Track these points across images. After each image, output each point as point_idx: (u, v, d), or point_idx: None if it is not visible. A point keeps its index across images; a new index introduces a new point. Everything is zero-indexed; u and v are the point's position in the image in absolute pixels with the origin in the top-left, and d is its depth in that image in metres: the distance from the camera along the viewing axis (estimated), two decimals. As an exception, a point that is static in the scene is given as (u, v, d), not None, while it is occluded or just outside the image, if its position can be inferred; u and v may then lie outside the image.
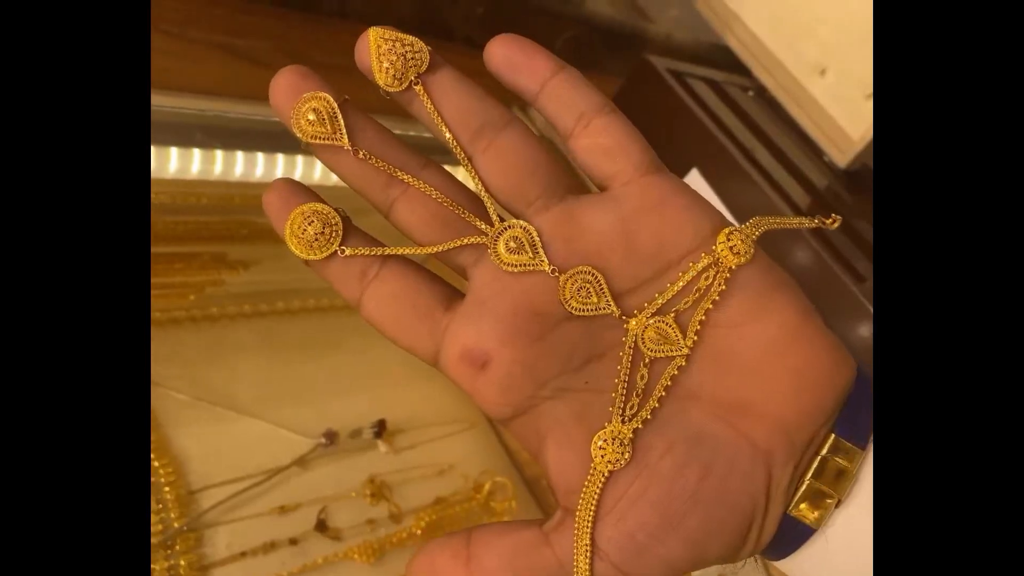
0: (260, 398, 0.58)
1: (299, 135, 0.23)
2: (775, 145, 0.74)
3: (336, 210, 0.24)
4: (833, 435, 0.24)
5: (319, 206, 0.24)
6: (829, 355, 0.24)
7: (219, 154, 0.50)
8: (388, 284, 0.24)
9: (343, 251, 0.24)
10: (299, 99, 0.23)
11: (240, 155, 0.50)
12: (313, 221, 0.24)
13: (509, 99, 0.26)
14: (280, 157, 0.52)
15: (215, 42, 0.52)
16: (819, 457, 0.24)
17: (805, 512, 0.24)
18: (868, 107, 0.74)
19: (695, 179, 0.67)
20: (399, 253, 0.24)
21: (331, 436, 0.58)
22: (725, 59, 0.81)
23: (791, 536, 0.24)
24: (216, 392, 0.56)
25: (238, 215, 0.57)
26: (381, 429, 0.60)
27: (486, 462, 0.64)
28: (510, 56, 0.24)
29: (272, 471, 0.55)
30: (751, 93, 0.80)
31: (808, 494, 0.24)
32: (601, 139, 0.24)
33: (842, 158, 0.75)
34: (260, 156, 0.51)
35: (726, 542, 0.23)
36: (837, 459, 0.24)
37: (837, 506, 0.24)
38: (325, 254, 0.24)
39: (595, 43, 0.76)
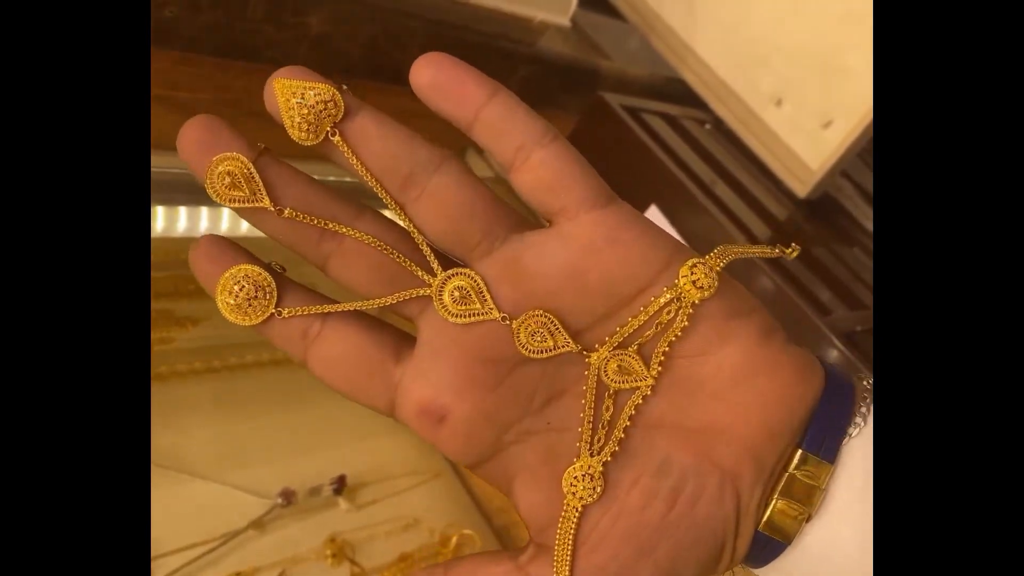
0: (213, 458, 0.56)
1: (216, 199, 0.22)
2: (734, 178, 0.74)
3: (268, 267, 0.23)
4: (800, 451, 0.24)
5: (249, 268, 0.23)
6: (794, 373, 0.24)
7: (160, 210, 0.48)
8: (332, 342, 0.23)
9: (280, 313, 0.23)
10: (210, 162, 0.21)
11: (183, 210, 0.49)
12: (244, 286, 0.22)
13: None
14: (225, 211, 0.51)
15: (154, 95, 0.50)
16: (787, 474, 0.24)
17: (776, 528, 0.24)
18: (826, 136, 0.74)
19: (654, 215, 0.66)
20: (340, 309, 0.23)
21: (288, 495, 0.56)
22: (681, 92, 0.81)
23: (766, 551, 0.24)
24: (167, 454, 0.55)
25: (184, 270, 0.55)
26: (341, 485, 0.58)
27: (452, 513, 0.62)
28: (437, 79, 0.22)
29: (227, 536, 0.53)
30: (708, 126, 0.80)
31: (777, 511, 0.24)
32: (542, 174, 0.22)
33: (802, 188, 0.75)
34: (204, 210, 0.50)
35: (699, 563, 0.24)
36: (805, 475, 0.24)
37: (807, 520, 0.24)
38: (262, 318, 0.23)
39: (550, 81, 0.75)
